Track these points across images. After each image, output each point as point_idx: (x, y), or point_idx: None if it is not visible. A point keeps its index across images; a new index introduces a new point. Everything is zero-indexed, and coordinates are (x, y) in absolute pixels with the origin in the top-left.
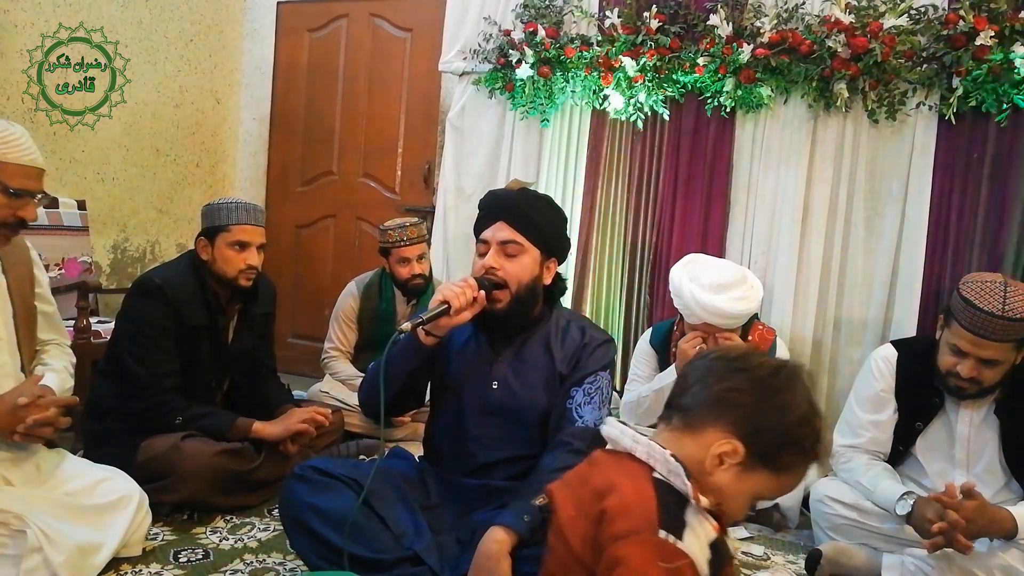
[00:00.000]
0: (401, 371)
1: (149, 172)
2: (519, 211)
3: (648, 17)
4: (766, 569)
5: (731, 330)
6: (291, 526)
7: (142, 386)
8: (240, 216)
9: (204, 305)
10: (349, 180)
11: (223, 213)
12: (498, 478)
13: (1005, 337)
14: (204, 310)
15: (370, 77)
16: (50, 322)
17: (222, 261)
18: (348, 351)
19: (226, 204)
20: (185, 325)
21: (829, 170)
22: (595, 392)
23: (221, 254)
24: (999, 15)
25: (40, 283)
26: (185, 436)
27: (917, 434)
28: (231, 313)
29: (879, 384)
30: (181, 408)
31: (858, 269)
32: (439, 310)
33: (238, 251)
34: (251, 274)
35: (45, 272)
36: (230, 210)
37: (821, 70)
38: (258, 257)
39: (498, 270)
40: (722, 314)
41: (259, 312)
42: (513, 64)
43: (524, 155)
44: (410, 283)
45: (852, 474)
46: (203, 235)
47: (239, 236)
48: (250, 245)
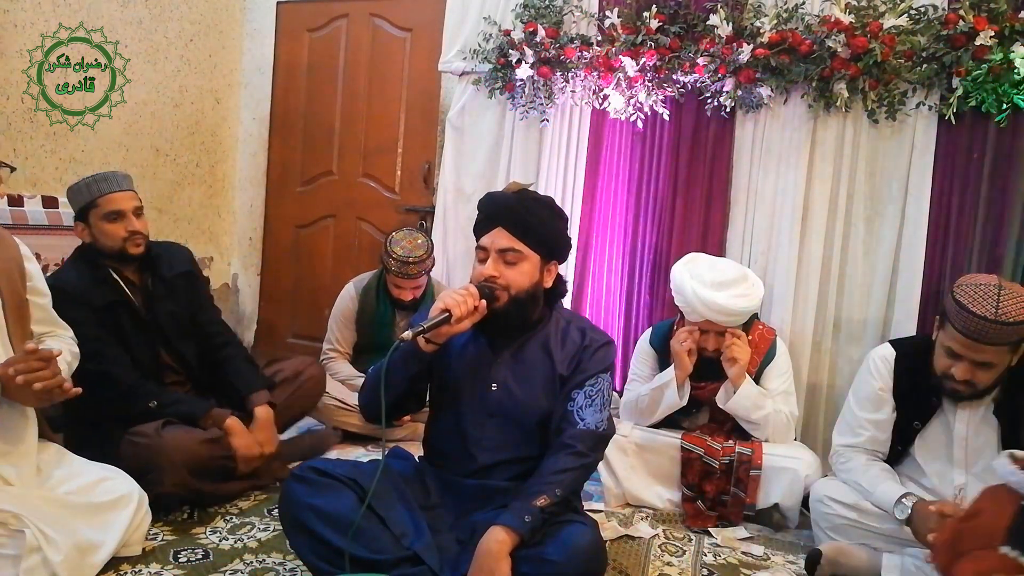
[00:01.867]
0: (401, 377)
1: (149, 172)
2: (518, 217)
3: (648, 17)
4: (766, 569)
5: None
6: (291, 526)
7: (100, 376)
8: (102, 187)
9: (105, 283)
10: (349, 180)
11: (85, 190)
12: (497, 479)
13: (999, 340)
14: (107, 288)
15: (370, 77)
16: (46, 314)
17: (103, 236)
18: (347, 352)
19: (86, 180)
20: (97, 309)
21: (829, 170)
22: (596, 394)
23: (100, 230)
24: (999, 15)
25: (32, 276)
26: (165, 424)
27: (916, 434)
28: (144, 283)
29: (877, 383)
30: (154, 393)
31: (858, 269)
32: (440, 318)
33: (115, 221)
34: (138, 239)
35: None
36: (91, 185)
37: (821, 70)
38: (139, 222)
39: (498, 278)
40: (723, 311)
41: (172, 275)
42: (513, 64)
43: (524, 155)
44: (400, 301)
45: (851, 474)
46: (77, 219)
47: (109, 206)
48: (124, 212)
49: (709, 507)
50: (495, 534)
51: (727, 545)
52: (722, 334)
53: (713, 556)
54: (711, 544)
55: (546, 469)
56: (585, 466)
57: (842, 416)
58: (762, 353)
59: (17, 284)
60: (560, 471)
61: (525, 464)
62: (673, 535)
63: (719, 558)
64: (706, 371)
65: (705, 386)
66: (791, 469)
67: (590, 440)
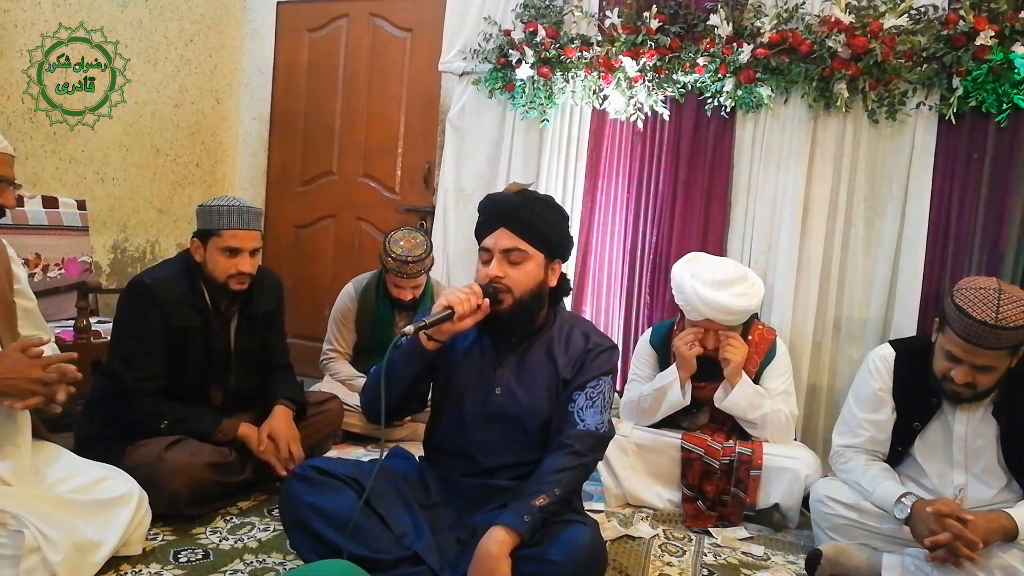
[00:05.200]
0: (403, 375)
1: (149, 172)
2: (520, 217)
3: (648, 17)
4: (766, 569)
5: (732, 328)
6: (291, 526)
7: (127, 388)
8: (232, 221)
9: (194, 307)
10: (349, 180)
11: (215, 216)
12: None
13: (999, 345)
14: (195, 312)
15: (370, 77)
16: (31, 318)
17: (212, 265)
18: (347, 352)
19: (219, 207)
20: (174, 327)
21: (829, 170)
22: (597, 396)
23: (212, 258)
24: (999, 15)
25: (19, 279)
26: (170, 445)
27: (915, 434)
28: (230, 314)
29: (877, 383)
30: (165, 412)
31: (858, 269)
32: (443, 315)
33: (229, 256)
34: (242, 279)
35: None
36: (221, 214)
37: (821, 70)
38: (251, 262)
39: (503, 278)
40: (724, 309)
41: (260, 312)
42: (513, 64)
43: (524, 155)
44: (400, 301)
45: (851, 474)
46: (196, 236)
47: (229, 242)
48: (241, 251)
49: (709, 507)
50: (496, 534)
51: (727, 545)
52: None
53: (713, 556)
54: (711, 544)
55: (545, 469)
56: (584, 466)
57: (842, 416)
58: (762, 353)
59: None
60: (559, 471)
61: (527, 468)
62: (673, 535)
63: (719, 558)
64: (707, 371)
65: (705, 386)
66: (791, 469)
67: (590, 441)
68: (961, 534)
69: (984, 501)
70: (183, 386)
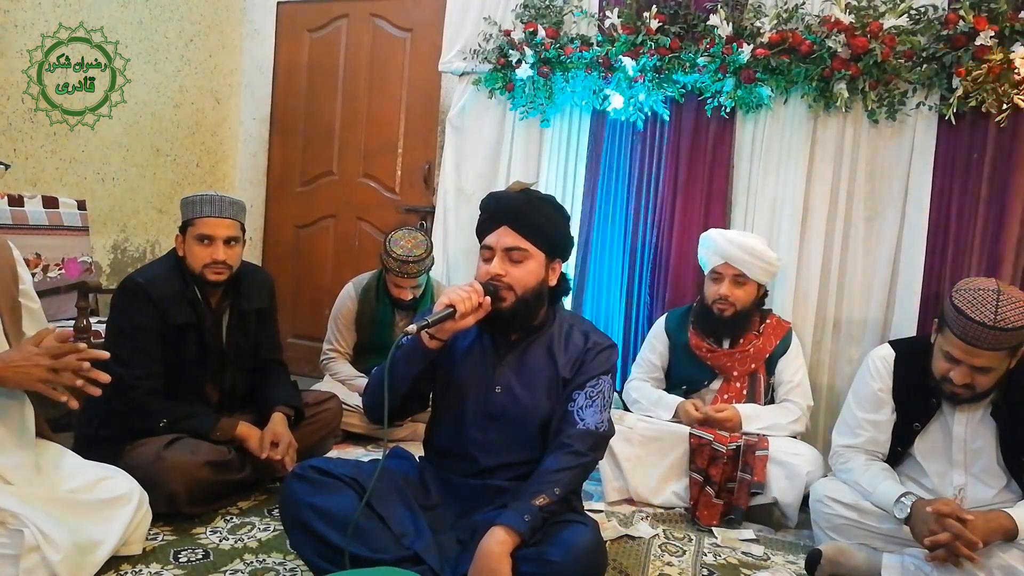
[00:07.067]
0: (405, 374)
1: (149, 172)
2: (523, 216)
3: (648, 17)
4: (766, 569)
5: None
6: (291, 526)
7: (124, 387)
8: (203, 209)
9: (187, 304)
10: (349, 180)
11: (189, 207)
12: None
13: (998, 346)
14: (188, 309)
15: (370, 77)
16: (35, 319)
17: (190, 256)
18: (347, 352)
19: (194, 197)
20: (169, 324)
21: (829, 170)
22: (597, 395)
23: (189, 249)
24: (999, 15)
25: (24, 280)
26: (169, 444)
27: (915, 435)
28: (222, 311)
29: (876, 384)
30: (164, 411)
31: (858, 269)
32: (444, 313)
33: (204, 245)
34: (218, 269)
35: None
36: (195, 203)
37: (821, 70)
38: (226, 251)
39: (504, 276)
40: (746, 248)
41: (250, 308)
42: (513, 64)
43: (524, 155)
44: (400, 301)
45: (851, 474)
46: (179, 231)
47: (201, 229)
48: (215, 239)
49: (716, 493)
50: (496, 534)
51: (727, 545)
52: (736, 278)
53: (713, 556)
54: (711, 544)
55: (545, 469)
56: (584, 465)
57: (842, 416)
58: (778, 337)
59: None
60: (559, 470)
61: (526, 467)
62: (673, 535)
63: (719, 558)
64: (718, 328)
65: (716, 350)
66: (793, 464)
67: (589, 440)
68: (961, 534)
69: (984, 501)
70: (180, 385)
